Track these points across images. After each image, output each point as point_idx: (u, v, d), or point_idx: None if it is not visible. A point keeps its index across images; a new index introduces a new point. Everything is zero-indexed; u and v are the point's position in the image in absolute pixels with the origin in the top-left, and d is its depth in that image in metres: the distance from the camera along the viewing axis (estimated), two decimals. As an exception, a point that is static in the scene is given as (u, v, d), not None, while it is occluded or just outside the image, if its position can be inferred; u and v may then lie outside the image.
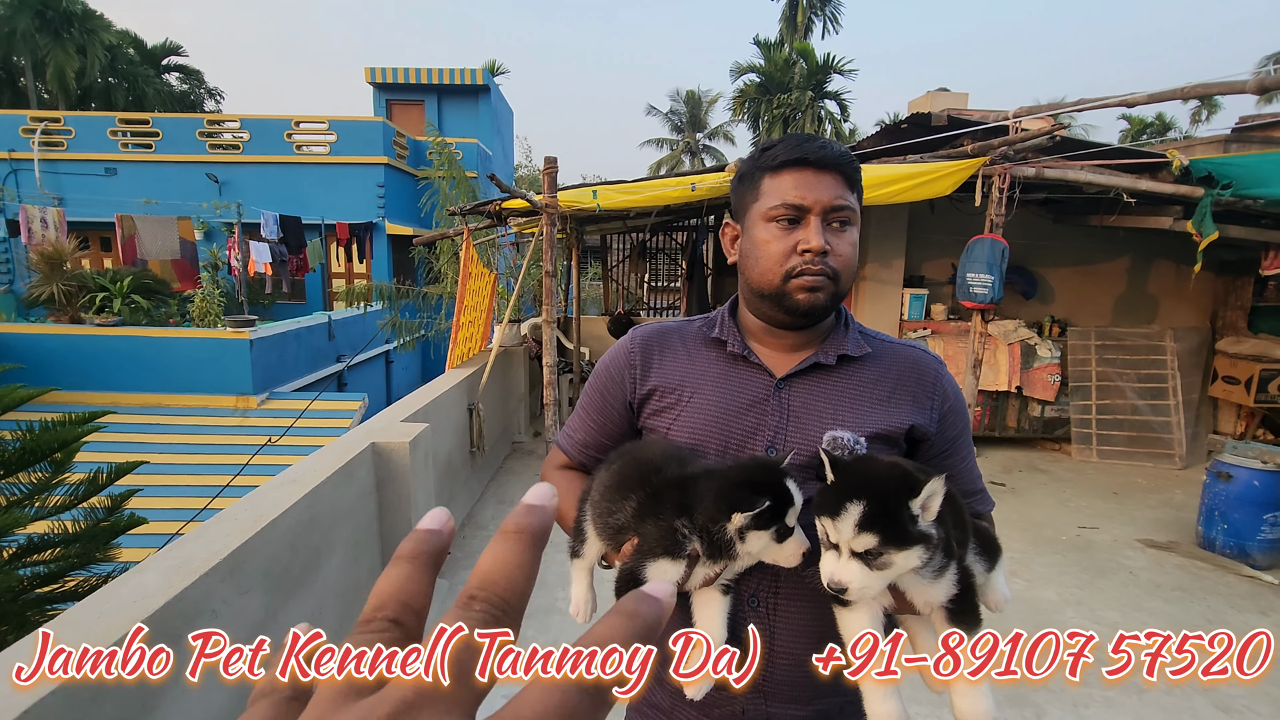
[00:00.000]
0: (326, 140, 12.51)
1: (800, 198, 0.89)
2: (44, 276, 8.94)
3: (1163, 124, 27.71)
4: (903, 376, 0.96)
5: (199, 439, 7.47)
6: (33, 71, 18.75)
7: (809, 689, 0.90)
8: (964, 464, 0.99)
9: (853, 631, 0.78)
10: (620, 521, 0.83)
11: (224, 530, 1.92)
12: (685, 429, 0.95)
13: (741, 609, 0.89)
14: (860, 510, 0.69)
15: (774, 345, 0.98)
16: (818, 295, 0.89)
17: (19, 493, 3.17)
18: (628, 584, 0.79)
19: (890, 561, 0.69)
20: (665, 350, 1.02)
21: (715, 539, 0.75)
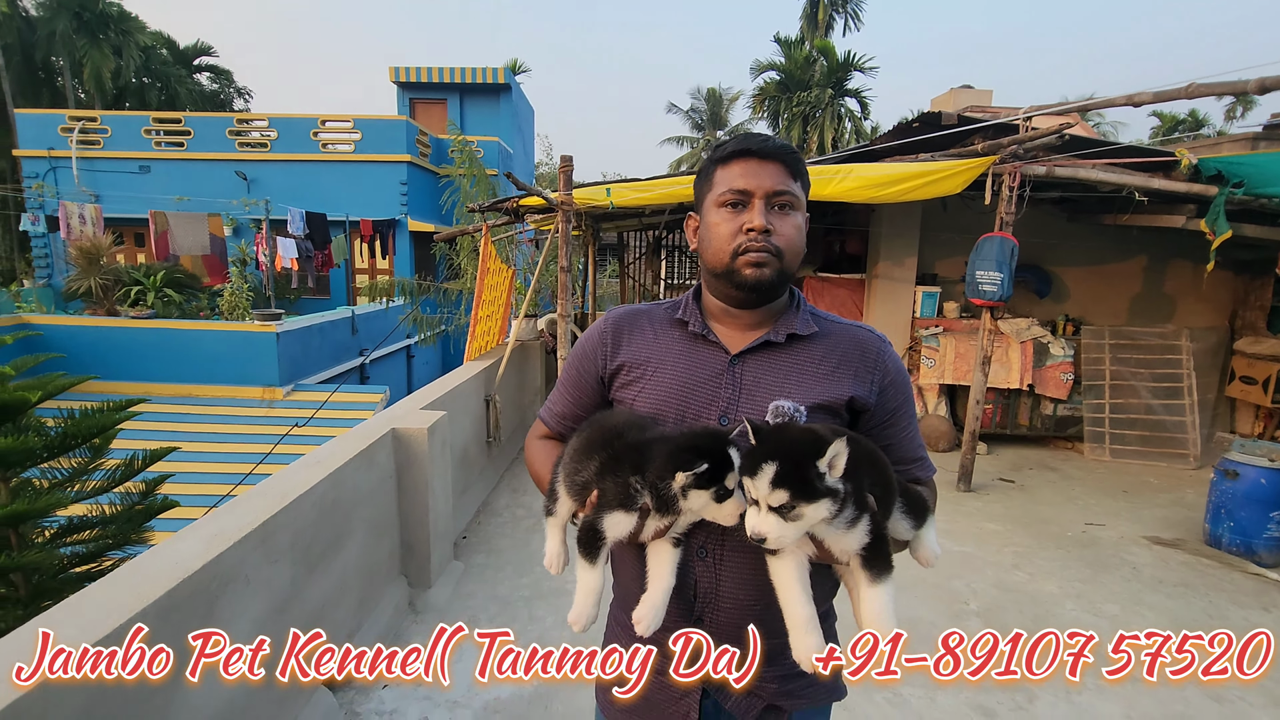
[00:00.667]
0: (351, 139, 12.77)
1: (745, 183, 1.00)
2: (82, 271, 9.28)
3: (1196, 120, 27.11)
4: (847, 353, 1.05)
5: (227, 428, 7.74)
6: (70, 72, 19.32)
7: (749, 629, 1.01)
8: (904, 434, 1.08)
9: (780, 578, 0.90)
10: (585, 479, 0.96)
11: (254, 505, 2.07)
12: (649, 400, 1.05)
13: (691, 559, 1.00)
14: (773, 469, 0.79)
15: (731, 325, 1.08)
16: (763, 270, 1.00)
17: (59, 476, 3.37)
18: (589, 532, 0.92)
19: (801, 514, 0.79)
20: (634, 330, 1.13)
21: (662, 495, 0.87)
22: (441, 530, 3.32)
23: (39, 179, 12.31)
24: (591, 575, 0.93)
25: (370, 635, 2.71)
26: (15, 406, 3.25)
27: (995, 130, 4.47)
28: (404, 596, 3.08)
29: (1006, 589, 3.46)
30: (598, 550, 0.93)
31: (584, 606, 0.94)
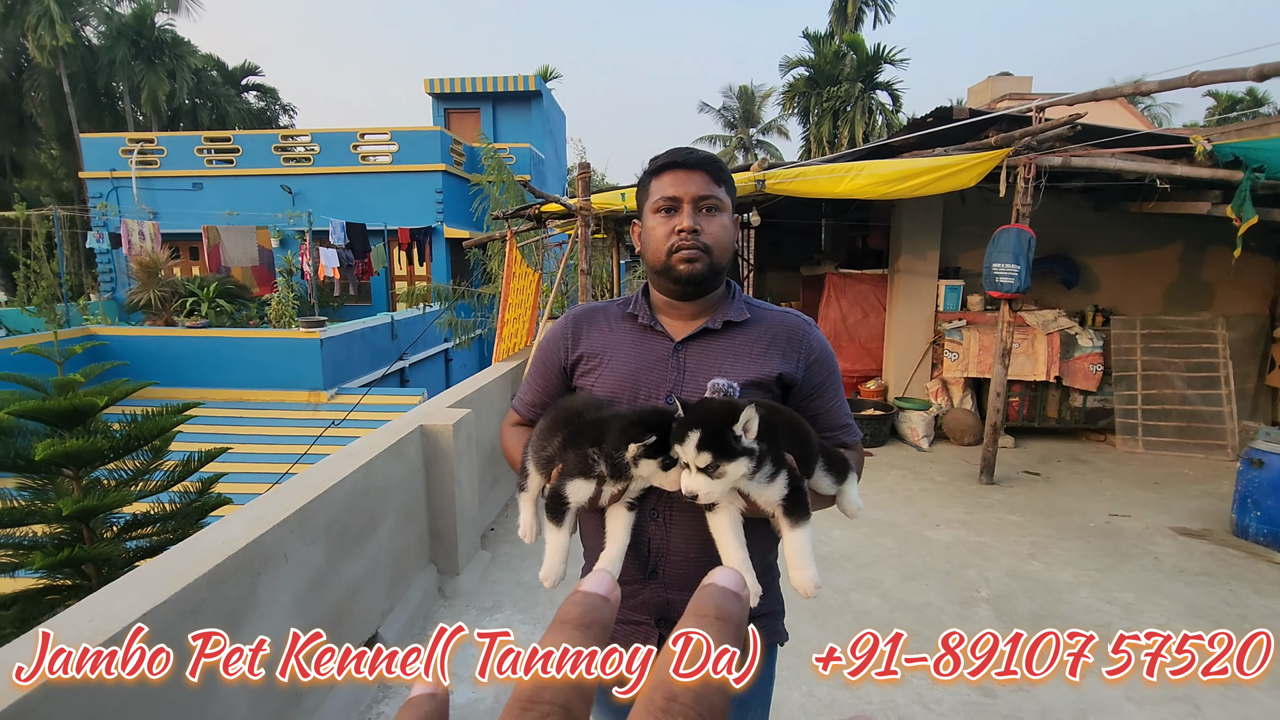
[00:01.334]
0: (389, 150, 13.24)
1: (675, 191, 1.15)
2: (142, 284, 9.87)
3: (1255, 99, 25.85)
4: (776, 335, 1.20)
5: (276, 430, 8.15)
6: (129, 96, 20.43)
7: (697, 579, 1.15)
8: (830, 403, 1.23)
9: (717, 529, 1.04)
10: (549, 454, 1.11)
11: (293, 491, 2.29)
12: (606, 385, 1.21)
13: (645, 520, 1.16)
14: (697, 435, 0.94)
15: (675, 315, 1.23)
16: (695, 265, 1.14)
17: (124, 475, 3.68)
18: (554, 499, 1.07)
19: (724, 472, 0.93)
20: (591, 324, 1.28)
21: (616, 463, 1.03)
22: (468, 520, 3.52)
23: (102, 199, 13.12)
24: (558, 535, 1.08)
25: (403, 615, 2.92)
26: (84, 411, 3.55)
27: (1009, 122, 4.47)
28: (433, 582, 3.29)
29: (1019, 577, 3.49)
30: (563, 513, 1.07)
31: (553, 564, 1.09)
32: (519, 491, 1.23)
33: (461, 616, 3.11)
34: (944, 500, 4.57)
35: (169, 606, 1.60)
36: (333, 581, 2.38)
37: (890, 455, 5.61)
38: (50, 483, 3.53)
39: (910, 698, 2.55)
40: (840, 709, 2.51)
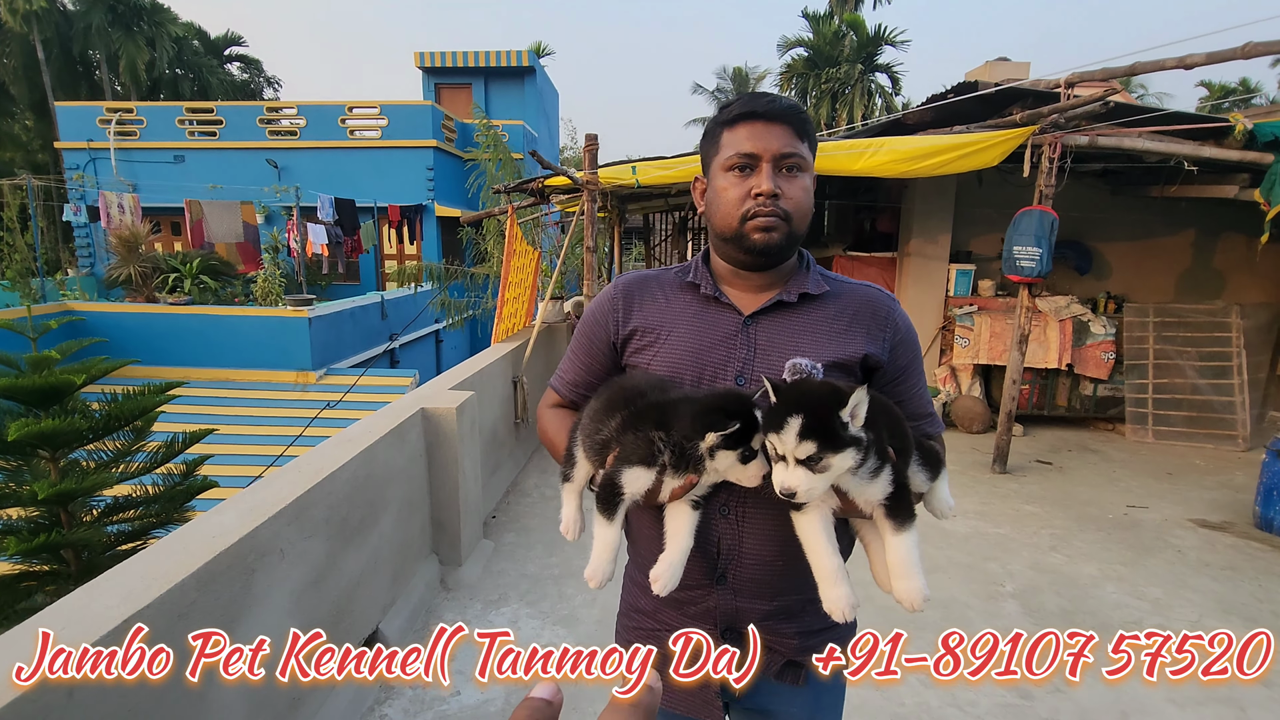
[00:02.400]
0: (378, 125, 12.86)
1: (753, 146, 0.98)
2: (122, 259, 9.54)
3: (1247, 88, 25.85)
4: (858, 312, 1.05)
5: (263, 411, 7.92)
6: (107, 64, 19.76)
7: (771, 586, 1.02)
8: (915, 390, 1.10)
9: (806, 532, 0.90)
10: (605, 437, 0.95)
11: (289, 480, 2.10)
12: (664, 363, 1.05)
13: (713, 517, 1.00)
14: (799, 422, 0.79)
15: (742, 287, 1.07)
16: (772, 235, 0.99)
17: (104, 457, 3.48)
18: (607, 487, 0.91)
19: (829, 464, 0.80)
20: (645, 295, 1.12)
21: (686, 454, 0.87)
22: (472, 508, 3.35)
23: (80, 170, 12.66)
24: (609, 531, 0.92)
25: (404, 610, 2.75)
26: (61, 389, 3.34)
27: (1034, 99, 4.30)
28: (436, 573, 3.12)
29: (1043, 571, 3.38)
30: (616, 507, 0.92)
31: (601, 562, 0.94)
32: (563, 482, 1.07)
33: (466, 610, 2.94)
34: (958, 490, 4.45)
35: (155, 610, 1.41)
36: (332, 576, 2.21)
37: (898, 443, 5.48)
38: (26, 464, 3.33)
39: (945, 699, 2.43)
40: (871, 711, 2.38)
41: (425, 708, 2.32)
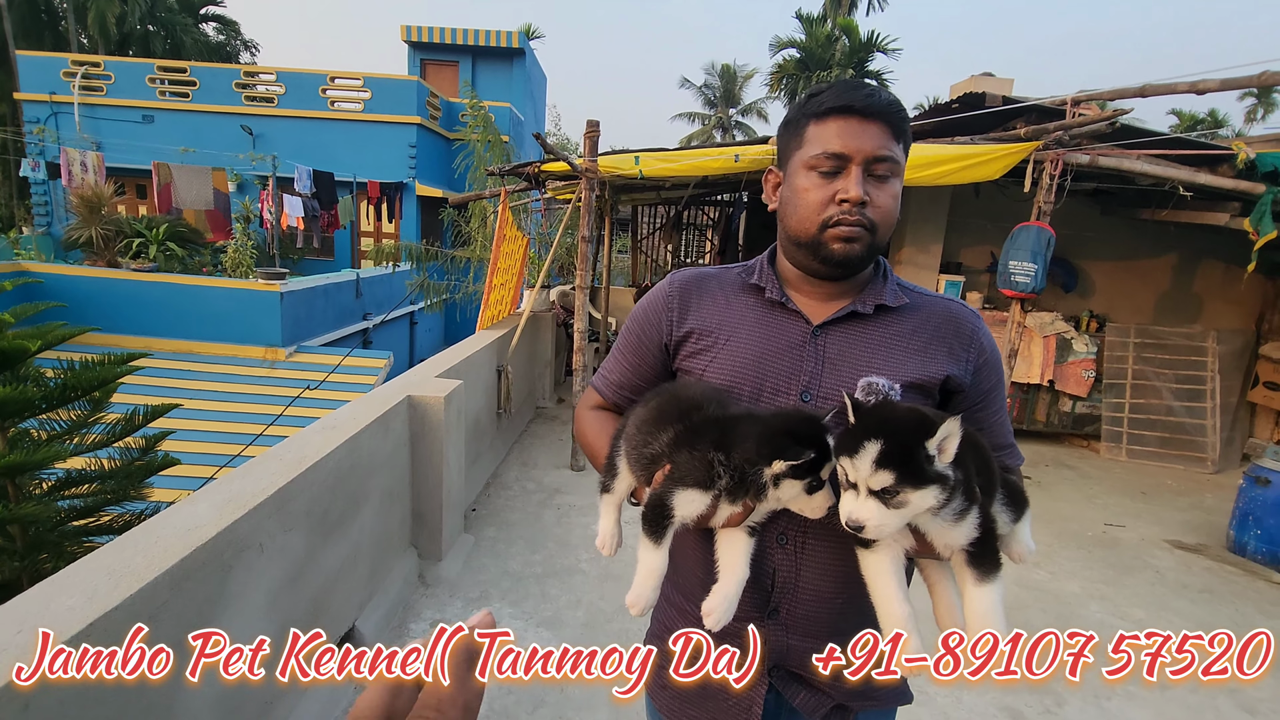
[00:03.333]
0: (360, 97, 12.48)
1: (842, 146, 0.88)
2: (82, 220, 9.08)
3: (1215, 120, 26.69)
4: (940, 328, 0.96)
5: (229, 387, 7.62)
6: (74, 15, 18.85)
7: (828, 625, 0.94)
8: (996, 417, 1.01)
9: (874, 572, 0.81)
10: (654, 451, 0.85)
11: (270, 469, 1.96)
12: (722, 371, 0.96)
13: (769, 546, 0.92)
14: (877, 449, 0.71)
15: (811, 294, 0.99)
16: (853, 246, 0.90)
17: (58, 428, 3.26)
18: (656, 508, 0.81)
19: (906, 500, 0.71)
20: (703, 294, 1.03)
21: (747, 479, 0.78)
22: (454, 501, 3.22)
23: (40, 124, 12.03)
24: (654, 556, 0.83)
25: (381, 607, 2.63)
26: (14, 355, 3.13)
27: (1039, 114, 4.29)
28: (414, 568, 2.99)
29: (1028, 587, 3.39)
30: (664, 530, 0.82)
31: (644, 589, 0.84)
32: (601, 493, 0.96)
33: (445, 608, 2.82)
34: (941, 501, 4.46)
35: (123, 612, 1.28)
36: (311, 572, 2.07)
37: (880, 450, 5.49)
38: (-31, 433, 3.10)
39: (935, 715, 2.39)
40: None
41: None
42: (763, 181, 1.05)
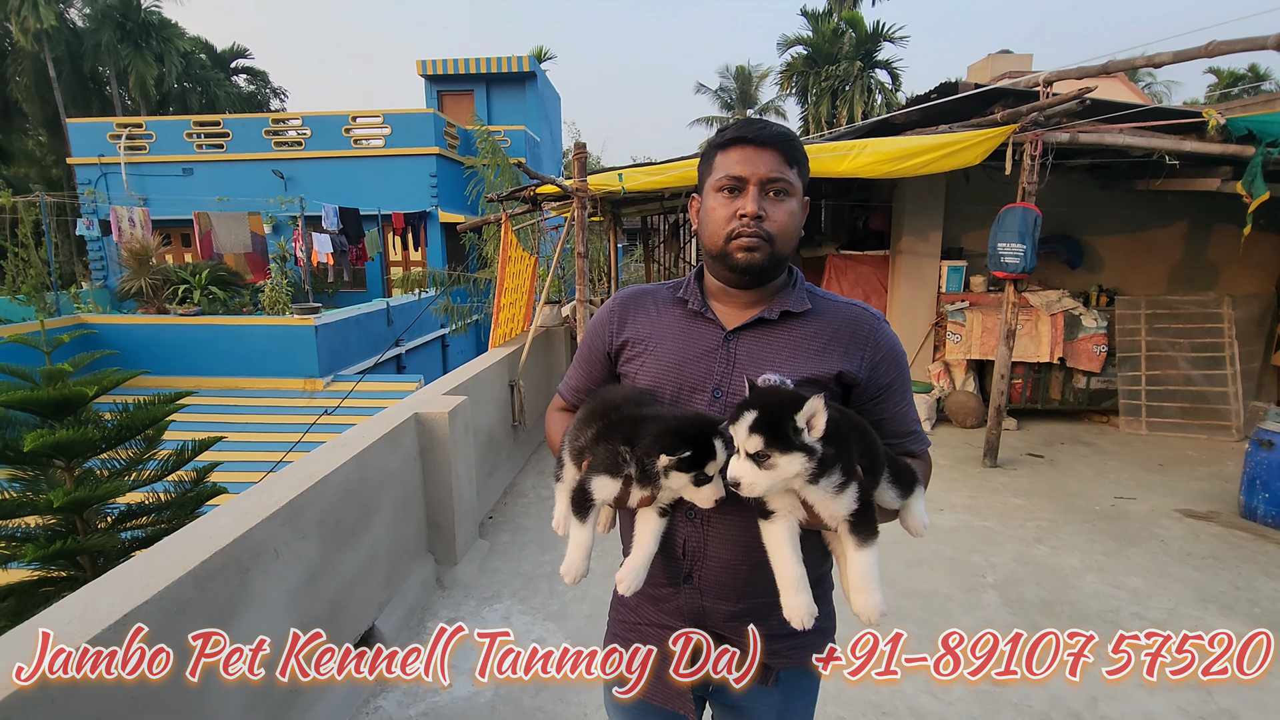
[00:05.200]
0: (381, 133, 13.04)
1: (741, 170, 1.04)
2: (133, 272, 9.75)
3: (1256, 74, 25.55)
4: (838, 330, 1.10)
5: (271, 418, 8.08)
6: (117, 80, 20.10)
7: (735, 589, 1.08)
8: (898, 409, 1.13)
9: (771, 539, 0.96)
10: (581, 445, 1.06)
11: (284, 484, 2.22)
12: (648, 374, 1.13)
13: (680, 520, 1.08)
14: (752, 417, 0.85)
15: (730, 303, 1.14)
16: (754, 255, 1.04)
17: (117, 466, 3.61)
18: (579, 493, 1.01)
19: (775, 463, 0.84)
20: (639, 308, 1.20)
21: (646, 470, 0.95)
22: (466, 510, 3.46)
23: (91, 185, 12.92)
24: (581, 531, 1.02)
25: (400, 608, 2.87)
26: (75, 401, 3.47)
27: (1015, 97, 4.36)
28: (431, 572, 3.23)
29: (1026, 562, 3.45)
30: (587, 509, 1.01)
31: (574, 560, 1.03)
32: (556, 481, 1.17)
33: (460, 607, 3.05)
34: (948, 484, 4.52)
35: (153, 605, 1.53)
36: (327, 576, 2.32)
37: (892, 439, 5.55)
38: (42, 474, 3.46)
39: (919, 687, 2.50)
40: (846, 701, 2.47)
41: (418, 699, 2.43)
42: (688, 207, 1.24)
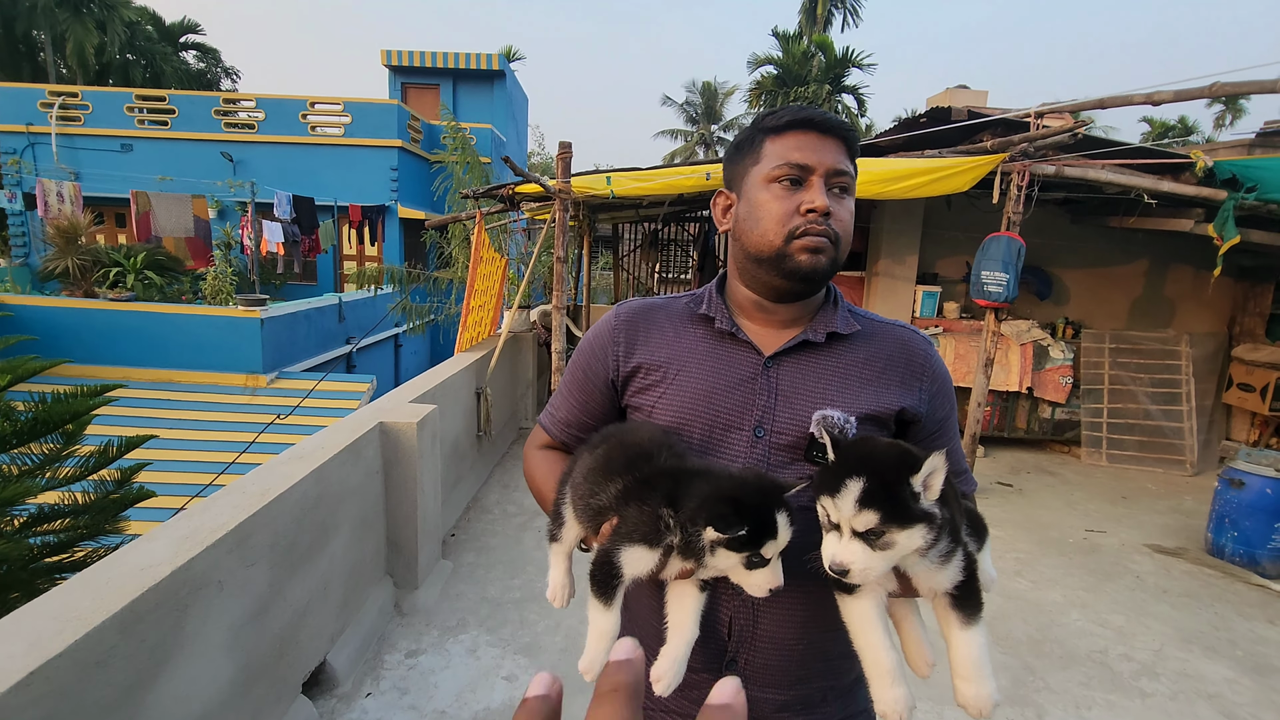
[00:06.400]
0: (341, 122, 12.50)
1: (805, 158, 0.87)
2: (59, 250, 9.00)
3: (1185, 127, 27.24)
4: (893, 357, 0.94)
5: (208, 415, 7.53)
6: (52, 46, 18.83)
7: (789, 674, 0.91)
8: (950, 445, 0.98)
9: (856, 619, 0.77)
10: (602, 503, 0.82)
11: (231, 503, 1.93)
12: (671, 407, 0.93)
13: (725, 594, 0.89)
14: (861, 487, 0.68)
15: (763, 322, 0.96)
16: (819, 258, 0.88)
17: (30, 463, 3.20)
18: (603, 566, 0.77)
19: (893, 541, 0.68)
20: (650, 327, 0.99)
21: (691, 541, 0.74)
22: (430, 528, 3.18)
23: (15, 155, 11.96)
24: (605, 618, 0.77)
25: (354, 639, 2.58)
26: (-19, 391, 3.08)
27: (1005, 127, 4.37)
28: (390, 598, 2.95)
29: (1010, 597, 3.39)
30: (614, 589, 0.77)
31: (596, 654, 0.78)
32: (549, 541, 0.92)
33: (422, 638, 2.78)
34: (923, 511, 4.46)
35: (64, 660, 1.24)
36: (276, 607, 2.03)
37: (863, 462, 5.51)
38: (-61, 470, 3.04)
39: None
40: None
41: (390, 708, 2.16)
42: (711, 205, 1.03)
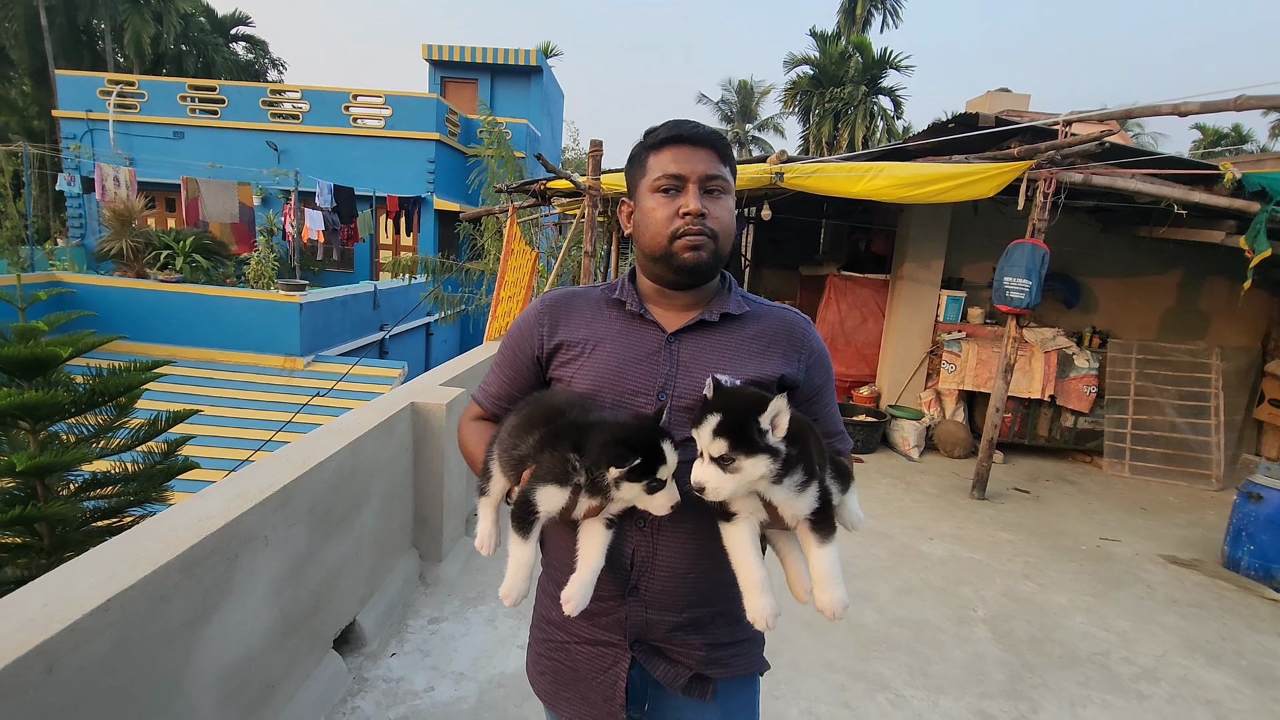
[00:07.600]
0: (382, 114, 12.84)
1: (679, 168, 1.03)
2: (114, 232, 9.44)
3: (1239, 135, 26.39)
4: (777, 333, 1.11)
5: (248, 394, 7.86)
6: (111, 36, 19.59)
7: (682, 598, 1.05)
8: (827, 409, 1.16)
9: (733, 542, 0.93)
10: (522, 453, 0.96)
11: (276, 468, 2.10)
12: (588, 377, 1.08)
13: (628, 529, 1.02)
14: (717, 420, 0.83)
15: (666, 306, 1.12)
16: (700, 253, 1.03)
17: (85, 432, 3.44)
18: (522, 505, 0.91)
19: (740, 467, 0.82)
20: (571, 310, 1.15)
21: (596, 480, 0.88)
22: (455, 505, 3.35)
23: (76, 140, 12.53)
24: (523, 550, 0.92)
25: (381, 603, 2.76)
26: (47, 361, 3.32)
27: (1032, 134, 4.38)
28: (415, 568, 3.12)
29: (1015, 598, 3.44)
30: (530, 524, 0.91)
31: (515, 580, 0.93)
32: (479, 496, 1.08)
33: (444, 607, 2.95)
34: (936, 513, 4.51)
35: (136, 592, 1.42)
36: (313, 566, 2.21)
37: (881, 463, 5.55)
38: (5, 435, 3.29)
39: (909, 715, 2.46)
40: (843, 707, 2.42)
41: (398, 701, 2.33)
42: (617, 213, 1.19)
